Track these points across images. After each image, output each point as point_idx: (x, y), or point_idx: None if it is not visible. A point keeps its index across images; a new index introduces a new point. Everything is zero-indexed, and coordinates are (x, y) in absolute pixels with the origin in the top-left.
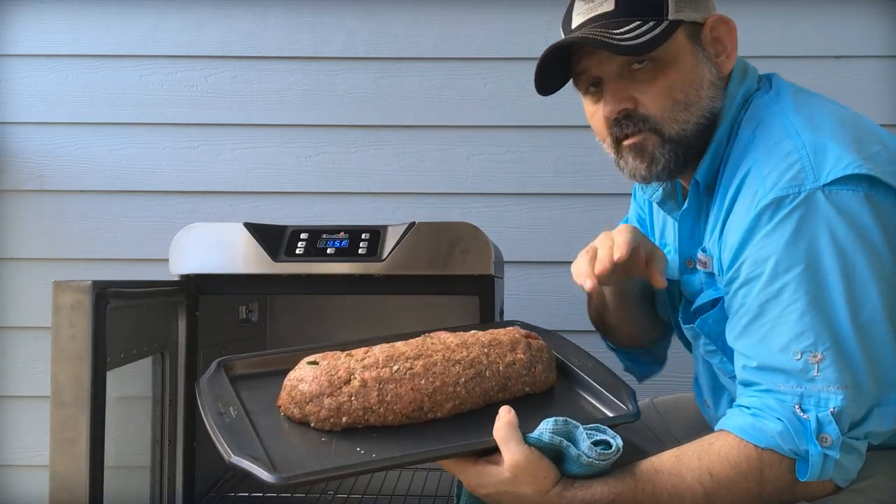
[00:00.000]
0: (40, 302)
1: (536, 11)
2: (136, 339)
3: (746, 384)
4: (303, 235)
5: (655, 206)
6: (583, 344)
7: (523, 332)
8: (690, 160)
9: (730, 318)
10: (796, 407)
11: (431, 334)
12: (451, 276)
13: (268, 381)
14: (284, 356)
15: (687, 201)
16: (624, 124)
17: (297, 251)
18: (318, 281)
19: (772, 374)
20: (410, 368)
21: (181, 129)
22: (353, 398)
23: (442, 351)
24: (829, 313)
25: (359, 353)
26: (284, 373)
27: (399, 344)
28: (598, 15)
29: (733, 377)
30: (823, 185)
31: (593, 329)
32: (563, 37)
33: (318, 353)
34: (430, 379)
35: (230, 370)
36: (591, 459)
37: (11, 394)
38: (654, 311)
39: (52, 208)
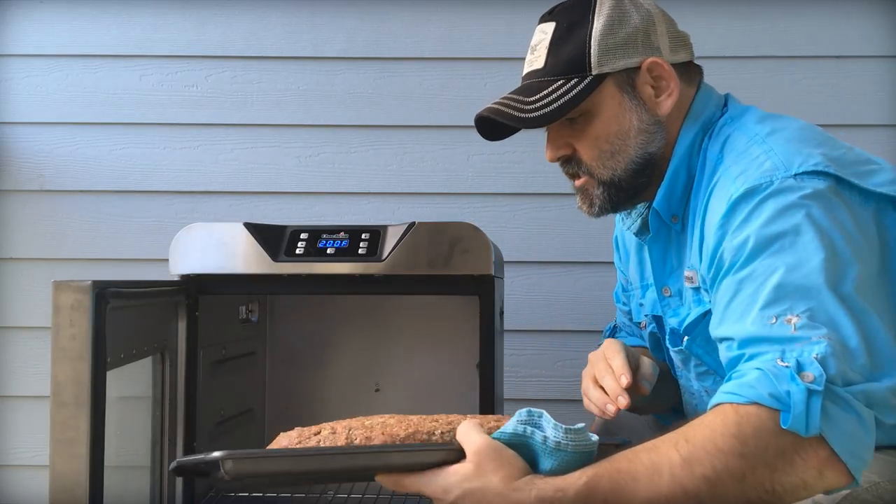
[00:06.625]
0: (40, 302)
1: (536, 11)
2: (136, 339)
3: (731, 365)
4: (303, 235)
5: (629, 244)
6: (583, 345)
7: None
8: (630, 198)
9: (712, 312)
10: (777, 360)
11: None
12: (451, 276)
13: None
14: None
15: (651, 230)
16: (566, 167)
17: (297, 251)
18: (318, 281)
19: (752, 343)
20: (384, 422)
21: (181, 129)
22: (321, 443)
23: (416, 416)
24: (806, 280)
25: (327, 425)
26: None
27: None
28: (531, 71)
29: None
30: (795, 175)
31: (593, 329)
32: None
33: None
34: (405, 425)
35: None
36: (558, 441)
37: (11, 394)
38: (671, 380)
39: (52, 208)
